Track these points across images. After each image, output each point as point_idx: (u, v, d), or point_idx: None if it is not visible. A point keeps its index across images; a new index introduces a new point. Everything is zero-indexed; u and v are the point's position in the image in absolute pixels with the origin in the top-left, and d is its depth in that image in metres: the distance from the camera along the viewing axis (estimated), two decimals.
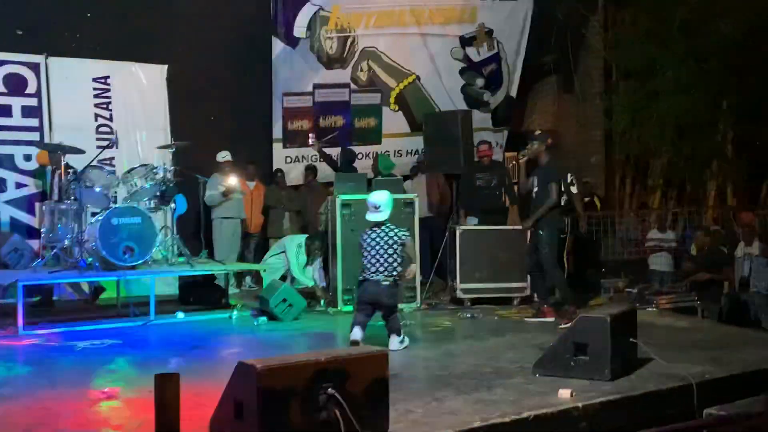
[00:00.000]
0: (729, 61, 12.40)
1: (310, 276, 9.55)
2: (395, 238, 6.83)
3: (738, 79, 12.55)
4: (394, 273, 6.79)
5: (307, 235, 9.84)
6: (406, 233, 6.99)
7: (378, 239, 6.83)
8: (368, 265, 6.80)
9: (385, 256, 6.77)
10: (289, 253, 9.66)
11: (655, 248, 11.83)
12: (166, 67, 10.75)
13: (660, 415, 5.18)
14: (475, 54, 13.17)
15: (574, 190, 9.65)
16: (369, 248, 6.84)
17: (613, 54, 13.59)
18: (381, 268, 6.75)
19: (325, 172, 11.49)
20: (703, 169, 13.77)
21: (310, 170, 11.61)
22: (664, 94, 12.77)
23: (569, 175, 9.88)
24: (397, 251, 6.80)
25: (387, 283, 6.75)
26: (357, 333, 6.69)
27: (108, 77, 10.46)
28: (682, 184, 14.00)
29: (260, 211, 11.35)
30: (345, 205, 8.99)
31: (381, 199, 6.93)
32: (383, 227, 6.89)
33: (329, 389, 4.02)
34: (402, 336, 6.81)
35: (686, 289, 10.41)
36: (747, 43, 12.17)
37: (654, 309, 9.14)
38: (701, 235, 11.09)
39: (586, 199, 12.41)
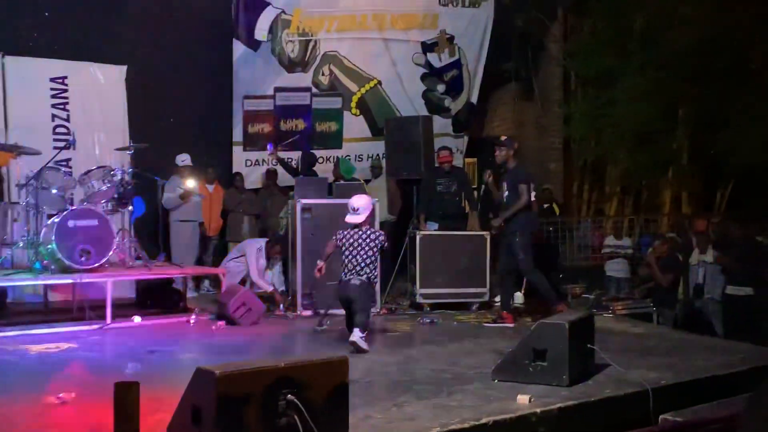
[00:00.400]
0: (685, 70, 12.61)
1: (270, 280, 9.51)
2: (375, 241, 7.16)
3: (694, 88, 12.76)
4: (367, 273, 7.07)
5: (267, 239, 9.79)
6: (383, 237, 7.27)
7: (354, 241, 7.16)
8: (344, 266, 7.14)
9: (361, 256, 7.09)
10: (249, 257, 9.60)
11: (612, 255, 11.97)
12: (125, 67, 10.62)
13: (617, 421, 5.24)
14: (436, 60, 13.22)
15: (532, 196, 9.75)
16: (345, 249, 7.17)
17: (572, 62, 13.74)
18: (356, 269, 7.07)
19: (285, 176, 11.45)
20: (659, 177, 13.98)
21: (271, 174, 11.56)
22: (621, 103, 12.95)
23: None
24: (375, 253, 7.12)
25: (357, 282, 7.03)
26: (355, 334, 6.85)
27: (65, 77, 10.29)
28: (639, 192, 14.20)
29: (219, 214, 11.26)
30: (305, 209, 8.97)
31: (359, 202, 7.25)
32: (362, 229, 7.19)
33: (288, 395, 3.99)
34: (364, 333, 6.91)
35: (642, 295, 10.55)
36: (703, 53, 12.39)
37: (610, 315, 9.26)
38: (658, 244, 11.24)
39: (545, 206, 12.53)
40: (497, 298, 9.75)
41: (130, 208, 9.14)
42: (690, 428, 4.92)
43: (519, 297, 9.76)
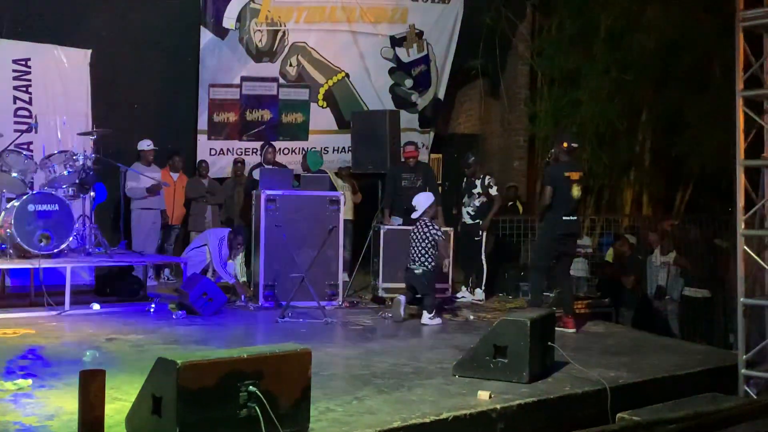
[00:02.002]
0: (649, 73, 12.75)
1: (232, 271, 9.45)
2: (429, 234, 8.31)
3: (657, 91, 12.91)
4: (426, 263, 8.24)
5: (230, 229, 9.73)
6: (440, 233, 8.39)
7: (415, 234, 8.40)
8: (410, 256, 8.37)
9: (421, 247, 8.29)
10: (211, 246, 9.53)
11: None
12: (90, 51, 10.46)
13: (575, 418, 5.30)
14: (404, 54, 13.22)
15: (492, 192, 9.81)
16: (411, 241, 8.40)
17: (539, 61, 13.82)
18: (419, 259, 8.28)
19: (247, 164, 11.41)
20: (621, 178, 14.13)
21: (240, 163, 11.43)
22: (585, 103, 13.05)
23: (487, 177, 10.04)
24: (430, 245, 8.27)
25: (420, 271, 8.26)
26: (424, 316, 8.14)
27: (29, 59, 10.10)
28: (600, 192, 14.33)
29: (182, 203, 11.17)
30: (270, 200, 8.93)
31: (417, 200, 8.58)
32: (424, 225, 8.36)
33: (250, 387, 3.99)
34: (433, 313, 8.14)
35: (601, 294, 10.67)
36: (666, 57, 12.54)
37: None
38: (618, 244, 11.39)
39: (510, 203, 12.61)
40: (459, 294, 9.83)
41: (92, 193, 9.02)
42: (646, 427, 4.99)
43: (479, 293, 9.84)
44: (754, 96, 6.45)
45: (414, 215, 8.54)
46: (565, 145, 8.25)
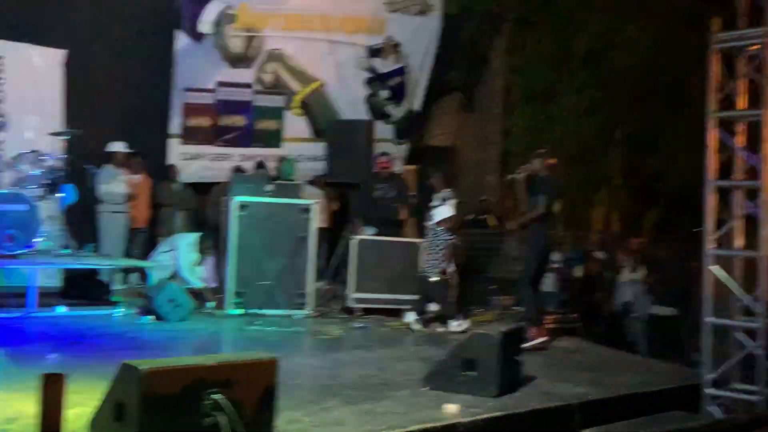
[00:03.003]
0: (624, 92, 12.87)
1: (199, 276, 9.37)
2: (439, 242, 8.55)
3: (631, 110, 13.03)
4: (439, 269, 8.51)
5: (200, 233, 9.65)
6: (446, 239, 8.59)
7: (430, 242, 8.66)
8: (424, 264, 8.65)
9: (434, 258, 8.53)
10: (179, 251, 9.45)
11: None
12: (64, 51, 10.35)
13: None
14: (381, 65, 13.21)
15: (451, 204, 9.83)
16: (425, 250, 8.68)
17: (515, 77, 13.90)
18: (433, 266, 8.53)
19: (220, 170, 11.34)
20: (592, 195, 14.24)
21: (239, 171, 11.24)
22: (560, 120, 13.14)
23: (444, 191, 10.05)
24: (443, 253, 8.54)
25: (434, 279, 8.52)
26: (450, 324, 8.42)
27: (2, 58, 9.97)
28: (571, 208, 14.41)
29: (147, 205, 11.03)
30: (242, 206, 8.86)
31: (437, 210, 8.74)
32: (438, 232, 8.57)
33: (215, 395, 3.93)
34: (459, 321, 8.41)
35: (569, 310, 10.69)
36: (641, 76, 12.67)
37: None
38: (588, 261, 11.46)
39: (481, 217, 12.64)
40: (431, 306, 9.78)
41: (61, 195, 8.90)
42: None
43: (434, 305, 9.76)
44: (727, 117, 6.52)
45: (428, 223, 8.75)
46: (553, 160, 8.31)
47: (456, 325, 8.44)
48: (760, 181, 6.22)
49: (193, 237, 9.62)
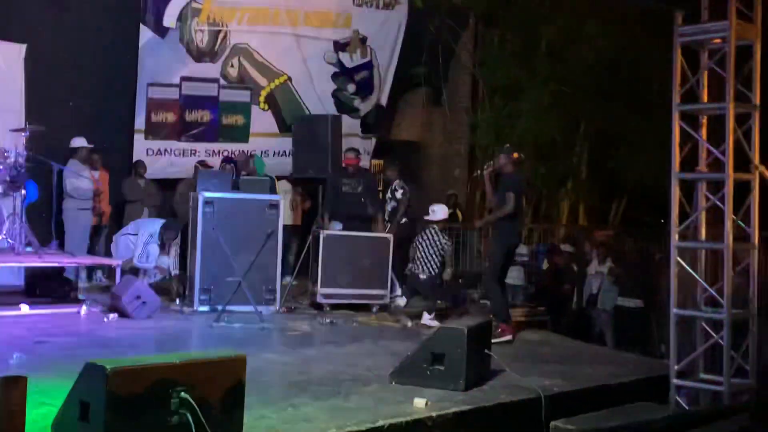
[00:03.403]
0: (588, 87, 12.96)
1: (165, 265, 9.27)
2: (439, 245, 8.77)
3: (595, 104, 13.13)
4: (431, 270, 8.73)
5: (164, 222, 9.55)
6: (449, 245, 8.91)
7: (426, 241, 8.81)
8: (414, 261, 8.86)
9: (428, 256, 8.72)
10: (140, 238, 9.33)
11: None
12: (24, 46, 10.18)
13: (510, 427, 5.32)
14: (348, 60, 13.18)
15: (398, 196, 9.85)
16: (418, 247, 8.84)
17: (481, 71, 13.94)
18: (424, 265, 8.73)
19: (185, 166, 11.24)
20: (558, 189, 14.33)
21: (227, 164, 11.10)
22: (526, 114, 13.20)
23: (395, 182, 10.11)
24: (439, 255, 8.74)
25: (424, 277, 8.75)
26: (424, 317, 8.60)
27: None
28: (538, 202, 14.50)
29: (108, 201, 10.90)
30: (207, 202, 8.78)
31: (437, 206, 9.08)
32: (435, 233, 8.81)
33: (182, 393, 3.89)
34: (432, 315, 8.58)
35: (537, 303, 10.76)
36: (605, 71, 12.76)
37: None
38: (553, 253, 11.54)
39: (450, 211, 12.64)
40: (399, 300, 9.81)
41: (23, 192, 8.76)
42: None
43: (401, 300, 9.78)
44: (690, 110, 6.58)
45: (428, 217, 8.95)
46: (516, 155, 8.31)
47: (428, 319, 8.54)
48: (724, 174, 6.29)
49: (157, 225, 9.48)
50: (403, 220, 10.05)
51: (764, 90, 6.55)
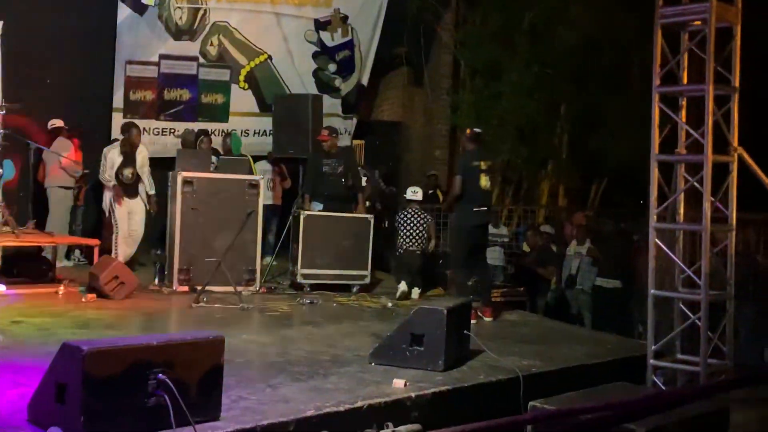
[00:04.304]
0: (569, 68, 12.96)
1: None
2: (424, 220, 9.32)
3: (576, 86, 13.14)
4: (423, 245, 9.29)
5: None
6: (430, 217, 9.48)
7: (413, 219, 9.31)
8: (406, 239, 9.27)
9: (419, 233, 9.27)
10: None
11: (490, 243, 12.18)
12: (0, 23, 10.01)
13: (488, 407, 5.33)
14: (329, 39, 13.08)
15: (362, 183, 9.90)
16: (405, 225, 9.30)
17: (462, 52, 13.90)
18: (416, 241, 9.24)
19: (166, 146, 11.14)
20: (539, 170, 14.36)
21: (204, 135, 10.98)
22: (507, 95, 13.19)
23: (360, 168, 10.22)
24: (426, 229, 9.31)
25: (419, 252, 9.27)
26: (402, 286, 9.05)
27: None
28: (519, 183, 14.53)
29: (84, 181, 10.80)
30: (186, 182, 8.72)
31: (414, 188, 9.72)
32: (418, 210, 9.37)
33: (159, 374, 3.87)
34: (420, 289, 9.17)
35: (516, 283, 10.81)
36: (586, 53, 12.76)
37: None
38: (532, 234, 11.57)
39: (431, 191, 12.66)
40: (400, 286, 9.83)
41: (0, 170, 8.66)
42: (558, 416, 5.05)
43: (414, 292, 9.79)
44: (670, 92, 6.59)
45: (409, 196, 9.46)
46: (468, 131, 8.32)
47: (418, 293, 9.16)
48: (703, 156, 6.30)
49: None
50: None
51: (744, 72, 6.56)
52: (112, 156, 9.41)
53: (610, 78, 12.80)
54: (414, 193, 9.54)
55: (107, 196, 9.50)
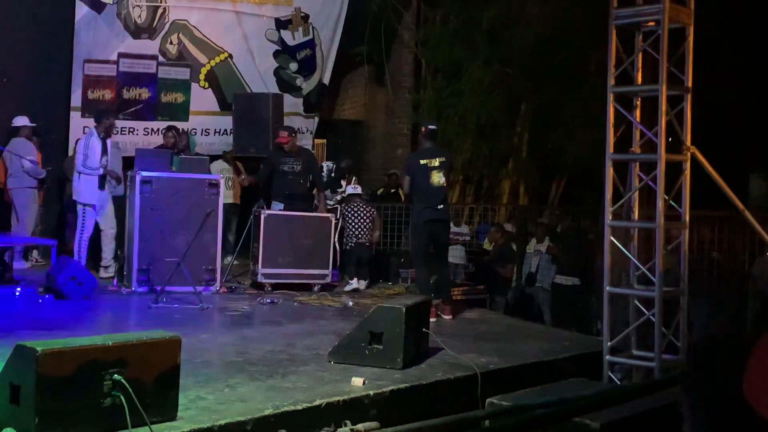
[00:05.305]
0: (527, 67, 13.09)
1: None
2: (369, 213, 9.81)
3: (534, 85, 13.27)
4: (369, 237, 9.75)
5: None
6: (373, 209, 10.00)
7: (359, 212, 9.77)
8: (354, 232, 9.70)
9: (365, 225, 9.70)
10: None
11: (450, 241, 12.26)
12: None
13: (447, 404, 5.38)
14: (290, 38, 13.06)
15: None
16: (351, 218, 9.72)
17: (423, 50, 13.96)
18: (364, 234, 9.67)
19: (125, 145, 11.07)
20: (500, 168, 14.47)
21: (173, 131, 10.84)
22: (467, 94, 13.28)
23: (354, 179, 10.32)
24: (371, 222, 9.79)
25: (368, 244, 9.78)
26: (355, 283, 9.49)
27: None
28: (480, 181, 14.63)
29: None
30: (145, 182, 8.66)
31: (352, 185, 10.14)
32: (363, 203, 9.90)
33: (114, 375, 3.86)
34: (368, 280, 9.71)
35: (477, 281, 10.88)
36: (544, 52, 12.90)
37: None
38: (493, 232, 11.66)
39: (392, 191, 12.71)
40: (358, 284, 9.86)
41: None
42: (514, 411, 5.12)
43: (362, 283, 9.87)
44: (625, 92, 6.69)
45: (350, 190, 9.97)
46: (423, 129, 8.33)
47: (364, 284, 9.63)
48: (656, 155, 6.41)
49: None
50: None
51: (697, 73, 6.68)
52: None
53: (567, 77, 12.96)
54: (354, 188, 10.07)
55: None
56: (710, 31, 7.50)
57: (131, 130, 11.55)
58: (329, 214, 9.59)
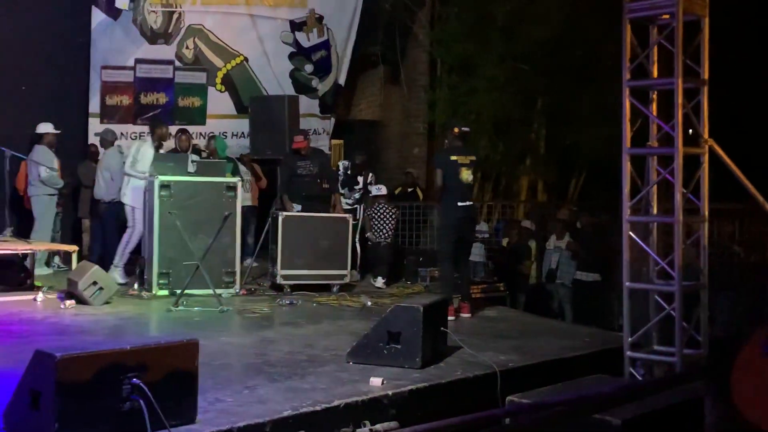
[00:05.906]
0: (542, 63, 13.03)
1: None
2: (391, 214, 10.24)
3: (550, 81, 13.21)
4: (390, 238, 10.29)
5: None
6: (393, 211, 10.37)
7: (382, 213, 10.22)
8: (376, 232, 10.19)
9: (388, 226, 10.18)
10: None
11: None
12: None
13: (466, 403, 5.37)
14: (305, 39, 13.09)
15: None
16: (374, 219, 10.22)
17: (438, 49, 13.94)
18: (387, 234, 10.19)
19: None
20: (517, 165, 14.43)
21: (184, 134, 10.90)
22: (482, 91, 13.25)
23: (371, 174, 10.45)
24: (393, 222, 10.25)
25: (385, 244, 10.23)
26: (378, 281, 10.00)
27: None
28: (498, 179, 14.60)
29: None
30: (164, 186, 8.70)
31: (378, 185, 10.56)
32: (385, 205, 10.27)
33: (133, 379, 3.88)
34: (385, 279, 9.99)
35: (496, 279, 10.85)
36: (559, 47, 12.84)
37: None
38: (508, 229, 11.63)
39: (410, 189, 12.71)
40: (377, 283, 9.91)
41: None
42: (535, 409, 5.10)
43: (380, 281, 9.93)
44: (640, 86, 6.63)
45: (375, 192, 10.35)
46: (456, 130, 8.30)
47: (381, 283, 9.88)
48: (674, 148, 6.36)
49: None
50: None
51: (713, 65, 6.62)
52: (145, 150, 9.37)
53: (582, 72, 12.89)
54: (379, 189, 10.42)
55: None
56: (727, 21, 7.42)
57: (149, 134, 11.58)
58: (346, 215, 9.60)
